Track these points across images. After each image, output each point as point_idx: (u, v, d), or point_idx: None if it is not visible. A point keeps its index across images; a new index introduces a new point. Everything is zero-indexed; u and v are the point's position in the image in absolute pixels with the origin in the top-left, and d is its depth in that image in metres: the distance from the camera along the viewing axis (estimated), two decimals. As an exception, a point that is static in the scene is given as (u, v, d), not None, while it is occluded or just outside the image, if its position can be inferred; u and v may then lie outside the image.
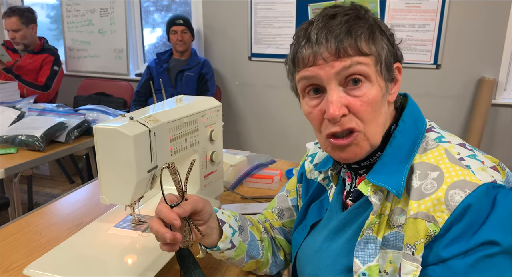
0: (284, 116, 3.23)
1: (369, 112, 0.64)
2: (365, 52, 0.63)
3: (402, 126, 0.69)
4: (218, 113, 1.17)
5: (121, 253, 0.89)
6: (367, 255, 0.66)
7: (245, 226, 0.86)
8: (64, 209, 1.26)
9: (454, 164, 0.62)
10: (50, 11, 4.05)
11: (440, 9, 2.64)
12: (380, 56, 0.65)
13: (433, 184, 0.61)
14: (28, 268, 0.82)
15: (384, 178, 0.65)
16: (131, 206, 0.95)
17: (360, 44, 0.63)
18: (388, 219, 0.66)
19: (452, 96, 2.75)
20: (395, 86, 0.69)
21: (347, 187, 0.77)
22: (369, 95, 0.64)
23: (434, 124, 0.73)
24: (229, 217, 0.82)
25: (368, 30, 0.64)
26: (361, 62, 0.63)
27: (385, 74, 0.66)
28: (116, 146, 0.85)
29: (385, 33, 0.67)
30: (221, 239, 0.77)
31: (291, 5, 2.97)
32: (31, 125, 1.92)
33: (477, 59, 2.65)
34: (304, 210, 0.86)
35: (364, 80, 0.64)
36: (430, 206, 0.60)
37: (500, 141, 2.74)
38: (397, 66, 0.69)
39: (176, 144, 1.00)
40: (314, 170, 0.87)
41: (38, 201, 3.07)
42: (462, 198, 0.58)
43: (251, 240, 0.86)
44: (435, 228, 0.60)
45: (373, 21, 0.66)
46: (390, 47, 0.67)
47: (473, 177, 0.59)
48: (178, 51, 3.02)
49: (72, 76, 3.76)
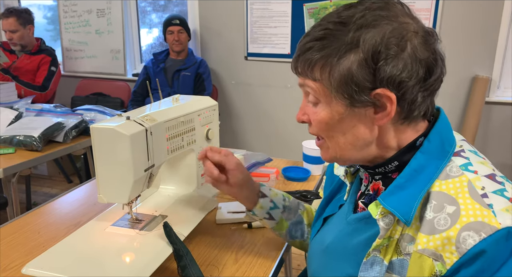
0: (280, 115, 3.24)
1: (321, 129, 0.67)
2: (315, 77, 0.63)
3: (426, 146, 0.64)
4: (214, 112, 1.18)
5: (119, 251, 0.89)
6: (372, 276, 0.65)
7: (294, 208, 0.96)
8: (62, 208, 1.27)
9: (475, 201, 0.57)
10: (47, 12, 4.05)
11: (433, 8, 2.65)
12: (332, 81, 0.61)
13: (447, 221, 0.57)
14: (27, 267, 0.83)
15: (395, 202, 0.62)
16: (129, 205, 0.96)
17: (311, 67, 0.63)
18: (397, 244, 0.63)
19: (447, 94, 2.76)
20: (381, 112, 0.62)
21: (363, 188, 0.76)
22: (318, 116, 0.66)
23: (466, 145, 0.67)
24: (276, 195, 0.94)
25: (330, 51, 0.60)
26: (309, 85, 0.65)
27: (346, 99, 0.62)
28: (113, 146, 0.86)
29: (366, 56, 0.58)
30: (255, 207, 0.91)
31: (286, 5, 2.98)
32: (29, 125, 1.92)
33: (471, 58, 2.67)
34: (323, 205, 0.87)
35: (317, 100, 0.66)
36: (439, 245, 0.57)
37: (494, 139, 2.76)
38: (379, 92, 0.60)
39: (172, 143, 1.01)
40: (340, 166, 0.88)
41: (37, 201, 3.08)
42: (476, 242, 0.54)
43: (297, 222, 0.96)
44: (442, 269, 0.56)
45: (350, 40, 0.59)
46: (365, 72, 0.59)
47: (492, 219, 0.54)
48: (175, 51, 3.03)
49: (70, 76, 3.76)
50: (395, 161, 0.66)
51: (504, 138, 2.72)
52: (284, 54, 3.07)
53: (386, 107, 0.61)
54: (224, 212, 1.19)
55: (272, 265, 0.98)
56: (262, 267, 0.97)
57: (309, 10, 2.92)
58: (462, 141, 0.68)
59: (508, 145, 2.72)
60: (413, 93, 0.61)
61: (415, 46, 0.60)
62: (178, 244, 0.88)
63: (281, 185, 1.44)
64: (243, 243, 1.06)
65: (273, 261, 0.99)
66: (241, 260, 0.99)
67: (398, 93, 0.60)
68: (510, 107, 2.68)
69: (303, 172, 1.52)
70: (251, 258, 1.00)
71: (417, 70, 0.60)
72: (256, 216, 0.93)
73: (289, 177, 1.48)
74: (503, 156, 2.74)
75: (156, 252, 0.88)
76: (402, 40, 0.59)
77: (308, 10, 2.92)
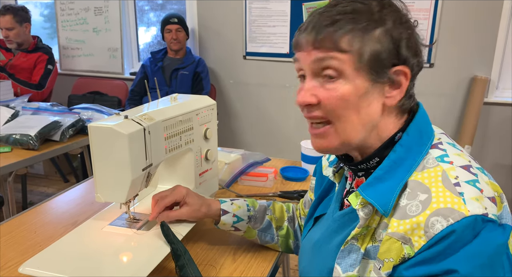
0: (278, 115, 3.24)
1: (338, 107, 0.64)
2: (343, 48, 0.62)
3: (405, 139, 0.66)
4: (212, 112, 1.17)
5: (116, 250, 0.89)
6: (348, 264, 0.67)
7: (260, 216, 0.99)
8: (59, 207, 1.26)
9: (446, 189, 0.59)
10: (43, 9, 4.04)
11: (433, 8, 2.66)
12: (362, 54, 0.62)
13: (418, 207, 0.59)
14: (23, 266, 0.82)
15: (374, 193, 0.64)
16: (126, 204, 0.96)
17: (340, 38, 0.61)
18: (374, 232, 0.66)
19: (445, 95, 2.77)
20: (395, 90, 0.65)
21: (347, 186, 0.78)
22: (339, 91, 0.63)
23: (445, 138, 0.69)
24: (239, 208, 0.96)
25: (362, 25, 0.61)
26: (335, 57, 0.62)
27: (372, 74, 0.63)
28: (111, 145, 0.85)
29: (392, 32, 0.62)
30: (219, 224, 0.96)
31: (285, 4, 2.97)
32: (25, 124, 1.91)
33: (470, 58, 2.67)
34: (315, 206, 0.87)
35: (337, 75, 0.63)
36: (409, 229, 0.58)
37: (493, 139, 2.76)
38: (398, 69, 0.64)
39: (170, 143, 1.00)
40: (328, 167, 0.89)
41: (33, 200, 3.07)
42: (443, 227, 0.55)
43: (265, 228, 0.99)
44: (410, 251, 0.58)
45: (378, 18, 0.63)
46: (391, 49, 0.62)
47: (462, 206, 0.56)
48: (173, 50, 3.02)
49: (67, 75, 3.75)
50: (376, 157, 0.68)
51: (503, 138, 2.73)
52: (283, 54, 3.07)
53: (401, 85, 0.64)
54: (222, 212, 1.18)
55: (270, 265, 0.98)
56: (260, 267, 0.97)
57: (308, 10, 2.92)
58: (441, 134, 0.70)
59: (507, 145, 2.73)
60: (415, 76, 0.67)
61: (417, 33, 0.66)
62: (176, 244, 0.88)
63: (279, 185, 1.43)
64: (241, 243, 1.06)
65: (271, 261, 0.99)
66: (239, 260, 0.99)
67: (412, 72, 0.65)
68: (508, 108, 2.68)
69: (301, 172, 1.51)
70: (249, 258, 1.00)
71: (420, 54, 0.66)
72: (223, 229, 0.98)
73: (287, 177, 1.48)
74: (502, 157, 2.74)
75: (153, 252, 0.88)
76: (412, 25, 0.66)
77: (307, 9, 2.92)
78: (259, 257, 1.00)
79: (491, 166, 2.78)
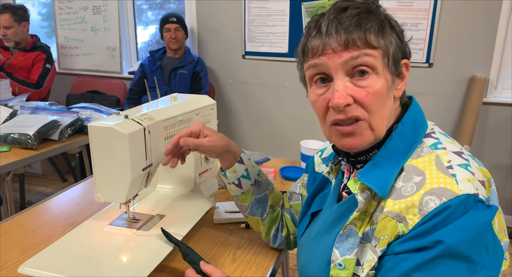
0: (278, 115, 3.23)
1: (374, 103, 0.66)
2: (373, 45, 0.65)
3: (400, 128, 0.70)
4: (212, 111, 1.17)
5: (116, 251, 0.89)
6: (346, 248, 0.69)
7: (264, 186, 0.99)
8: (57, 207, 1.26)
9: (439, 171, 0.62)
10: (41, 8, 4.02)
11: (432, 8, 2.66)
12: (388, 50, 0.66)
13: (413, 188, 0.62)
14: (23, 267, 0.82)
15: (372, 178, 0.67)
16: (126, 204, 0.96)
17: (369, 36, 0.65)
18: (371, 217, 0.68)
19: (444, 95, 2.77)
20: (401, 82, 0.71)
21: (345, 180, 0.79)
22: (375, 86, 0.65)
23: (437, 128, 0.73)
24: (253, 167, 0.97)
25: (378, 24, 0.66)
26: (368, 54, 0.65)
27: (392, 68, 0.68)
28: (111, 144, 0.85)
29: (395, 28, 0.68)
30: (229, 169, 0.94)
31: (284, 3, 2.97)
32: (24, 123, 1.90)
33: (469, 58, 2.68)
34: (308, 202, 0.88)
35: (371, 71, 0.65)
36: (403, 207, 0.61)
37: (491, 139, 2.77)
38: (404, 62, 0.70)
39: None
40: (322, 163, 0.91)
41: (31, 200, 3.06)
42: (436, 205, 0.58)
43: (261, 199, 0.98)
44: (405, 229, 0.61)
45: (383, 16, 0.68)
46: (399, 43, 0.68)
47: (454, 186, 0.59)
48: (172, 49, 3.01)
49: (65, 74, 3.73)
50: (375, 149, 0.70)
51: (501, 138, 2.73)
52: (282, 53, 3.06)
53: (405, 77, 0.71)
54: (222, 212, 1.18)
55: (270, 265, 0.98)
56: (260, 267, 0.97)
57: (307, 9, 2.92)
58: (433, 125, 0.74)
59: (505, 145, 2.73)
60: None
61: None
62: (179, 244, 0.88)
63: (279, 185, 1.43)
64: (241, 243, 1.06)
65: (271, 261, 0.99)
66: (239, 260, 0.99)
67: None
68: (507, 108, 2.68)
69: (300, 172, 1.51)
70: (249, 258, 1.00)
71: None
72: (227, 178, 0.96)
73: (286, 176, 1.48)
74: (500, 157, 2.75)
75: (153, 252, 0.87)
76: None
77: (306, 9, 2.92)
78: (259, 257, 1.00)
79: (490, 166, 2.78)
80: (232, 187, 0.97)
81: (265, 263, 0.98)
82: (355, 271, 0.67)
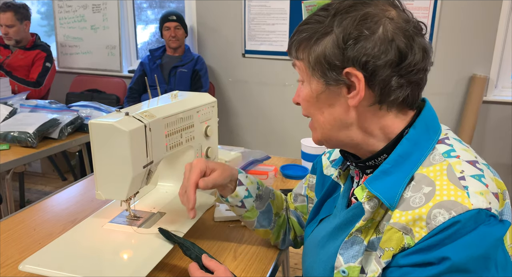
0: (277, 113, 3.23)
1: (304, 107, 0.73)
2: (298, 56, 0.70)
3: (412, 133, 0.66)
4: (213, 109, 1.17)
5: (116, 248, 0.89)
6: (350, 255, 0.68)
7: (265, 197, 0.97)
8: (58, 205, 1.26)
9: (451, 182, 0.59)
10: (40, 7, 4.01)
11: (432, 7, 2.66)
12: (310, 60, 0.67)
13: (421, 199, 0.59)
14: (24, 264, 0.82)
15: (381, 187, 0.64)
16: (127, 201, 0.95)
17: (296, 49, 0.70)
18: (378, 225, 0.66)
19: (445, 93, 2.77)
20: (354, 90, 0.64)
21: (354, 184, 0.78)
22: (302, 93, 0.72)
23: (451, 133, 0.70)
24: (251, 183, 0.94)
25: (309, 35, 0.67)
26: (296, 64, 0.72)
27: (322, 77, 0.66)
28: (111, 141, 0.85)
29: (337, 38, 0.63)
30: (231, 194, 0.91)
31: (284, 2, 2.97)
32: (24, 122, 1.90)
33: (469, 57, 2.68)
34: (318, 206, 0.87)
35: (302, 79, 0.72)
36: (410, 220, 0.59)
37: (491, 138, 2.77)
38: (348, 71, 0.63)
39: (171, 140, 1.00)
40: (330, 166, 0.89)
41: (30, 198, 3.05)
42: (445, 219, 0.55)
43: (266, 210, 0.96)
44: (410, 242, 0.59)
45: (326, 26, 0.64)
46: (336, 53, 0.63)
47: (465, 200, 0.56)
48: (172, 48, 3.01)
49: (64, 72, 3.73)
50: (385, 154, 0.68)
51: (502, 137, 2.73)
52: (282, 52, 3.06)
53: (356, 86, 0.64)
54: (222, 210, 1.18)
55: (271, 263, 0.98)
56: (261, 265, 0.97)
57: (307, 8, 2.91)
58: (447, 130, 0.70)
59: (505, 144, 2.74)
60: (382, 75, 0.63)
61: (387, 30, 0.62)
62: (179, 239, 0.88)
63: (279, 183, 1.43)
64: (241, 241, 1.06)
65: (271, 259, 0.99)
66: (240, 258, 0.99)
67: (366, 73, 0.63)
68: (507, 107, 2.69)
69: (301, 170, 1.51)
70: (250, 255, 1.00)
71: (386, 53, 0.62)
72: (229, 203, 0.93)
73: (287, 175, 1.47)
74: (500, 156, 2.75)
75: (154, 250, 0.87)
76: (375, 24, 0.62)
77: (306, 8, 2.91)
78: (260, 255, 1.00)
79: (490, 165, 2.78)
80: (235, 209, 0.94)
81: (266, 261, 0.98)
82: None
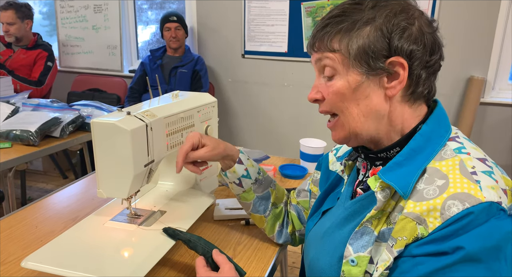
0: (277, 113, 3.25)
1: (336, 101, 0.71)
2: (333, 48, 0.69)
3: (425, 130, 0.69)
4: (213, 109, 1.18)
5: (117, 246, 0.90)
6: (360, 245, 0.69)
7: (265, 184, 1.01)
8: (59, 203, 1.27)
9: (463, 176, 0.61)
10: (42, 7, 4.03)
11: (430, 9, 2.67)
12: (350, 51, 0.67)
13: (435, 191, 0.61)
14: (26, 261, 0.83)
15: (394, 177, 0.66)
16: (128, 200, 0.97)
17: (330, 40, 0.69)
18: (388, 216, 0.68)
19: (442, 95, 2.78)
20: (395, 80, 0.67)
21: (360, 176, 0.80)
22: (334, 86, 0.70)
23: (461, 133, 0.73)
24: (252, 166, 0.99)
25: (346, 25, 0.67)
26: (328, 57, 0.70)
27: (364, 68, 0.67)
28: (113, 140, 0.86)
29: (381, 27, 0.65)
30: (229, 170, 0.96)
31: (284, 3, 2.98)
32: (26, 120, 1.92)
33: (467, 59, 2.69)
34: (321, 200, 0.89)
35: (334, 72, 0.70)
36: (425, 210, 0.61)
37: (489, 139, 2.78)
38: (394, 60, 0.66)
39: (172, 139, 1.01)
40: (336, 162, 0.92)
41: (31, 196, 3.07)
42: (459, 210, 0.58)
43: (263, 197, 1.01)
44: (424, 232, 0.60)
45: (367, 15, 0.66)
46: (381, 42, 0.65)
47: (478, 192, 0.59)
48: (172, 48, 3.02)
49: (66, 72, 3.75)
50: (397, 147, 0.71)
51: (499, 139, 2.75)
52: (281, 53, 3.08)
53: (399, 75, 0.67)
54: (222, 209, 1.19)
55: (270, 261, 0.99)
56: (260, 263, 0.98)
57: (306, 9, 2.93)
58: (457, 130, 0.74)
59: (503, 146, 2.75)
60: (420, 66, 0.67)
61: (421, 24, 0.68)
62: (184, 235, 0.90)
63: (278, 182, 1.44)
64: (241, 239, 1.07)
65: (271, 257, 1.00)
66: (239, 256, 1.00)
67: (410, 62, 0.66)
68: (505, 108, 2.70)
69: (300, 170, 1.53)
70: (249, 254, 1.01)
71: (424, 44, 0.67)
72: (227, 178, 0.99)
73: (286, 174, 1.49)
74: (498, 157, 2.76)
75: (155, 247, 0.89)
76: (411, 17, 0.67)
77: (306, 9, 2.93)
78: (259, 253, 1.02)
79: (487, 166, 2.79)
80: (233, 186, 0.99)
81: (265, 259, 0.99)
82: (368, 269, 0.67)
